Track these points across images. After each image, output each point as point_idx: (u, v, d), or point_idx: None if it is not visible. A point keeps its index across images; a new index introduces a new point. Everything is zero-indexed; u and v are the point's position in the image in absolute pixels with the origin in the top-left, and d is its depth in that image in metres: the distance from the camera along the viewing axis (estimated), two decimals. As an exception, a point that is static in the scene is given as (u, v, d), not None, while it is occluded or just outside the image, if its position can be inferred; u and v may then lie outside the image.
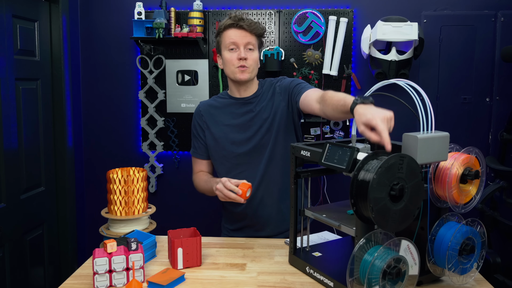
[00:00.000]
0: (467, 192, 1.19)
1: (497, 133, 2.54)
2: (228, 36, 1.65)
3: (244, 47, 1.64)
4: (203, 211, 2.82)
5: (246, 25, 1.62)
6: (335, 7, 2.65)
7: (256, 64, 1.69)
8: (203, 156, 1.80)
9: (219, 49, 1.71)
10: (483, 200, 2.34)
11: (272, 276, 1.31)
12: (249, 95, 1.73)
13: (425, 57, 2.58)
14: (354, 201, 1.04)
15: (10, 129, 2.13)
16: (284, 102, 1.69)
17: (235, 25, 1.63)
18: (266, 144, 1.68)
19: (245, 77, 1.65)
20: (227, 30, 1.65)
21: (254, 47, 1.66)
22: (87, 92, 2.83)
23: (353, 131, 1.21)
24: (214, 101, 1.79)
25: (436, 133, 1.11)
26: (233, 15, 1.65)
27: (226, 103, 1.75)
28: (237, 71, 1.65)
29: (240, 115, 1.72)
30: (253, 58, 1.66)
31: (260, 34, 1.68)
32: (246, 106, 1.72)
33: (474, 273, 1.21)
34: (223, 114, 1.74)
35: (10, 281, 2.12)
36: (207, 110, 1.77)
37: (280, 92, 1.70)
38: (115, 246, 1.26)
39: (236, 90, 1.73)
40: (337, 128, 2.68)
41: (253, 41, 1.65)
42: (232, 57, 1.64)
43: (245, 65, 1.64)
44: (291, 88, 1.68)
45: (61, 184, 2.58)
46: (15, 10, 2.17)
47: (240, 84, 1.70)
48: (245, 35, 1.63)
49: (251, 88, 1.73)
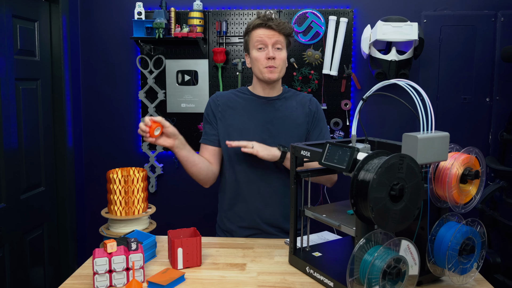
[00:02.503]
0: (467, 192, 1.19)
1: (497, 133, 2.54)
2: (256, 35, 1.66)
3: (272, 46, 1.65)
4: (203, 211, 2.82)
5: (274, 25, 1.64)
6: (335, 7, 2.65)
7: (284, 64, 1.70)
8: (213, 143, 1.75)
9: (247, 48, 1.73)
10: (483, 200, 2.34)
11: (272, 276, 1.31)
12: (273, 96, 1.75)
13: (425, 57, 2.58)
14: (354, 201, 1.04)
15: (10, 129, 2.13)
16: (306, 123, 1.74)
17: (264, 24, 1.65)
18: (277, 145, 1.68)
19: (274, 76, 1.67)
20: (256, 30, 1.67)
21: (282, 47, 1.67)
22: (87, 92, 2.83)
23: (353, 131, 1.21)
24: (233, 95, 1.78)
25: (436, 133, 1.11)
26: (262, 14, 1.67)
27: (247, 99, 1.76)
28: (265, 71, 1.67)
29: (260, 113, 1.72)
30: (281, 58, 1.67)
31: (289, 33, 1.69)
32: (268, 105, 1.73)
33: (474, 273, 1.21)
34: (241, 109, 1.74)
35: (10, 281, 2.12)
36: (225, 102, 1.76)
37: (308, 114, 1.75)
38: (115, 246, 1.26)
39: (261, 89, 1.74)
40: (337, 128, 2.68)
41: (281, 41, 1.67)
42: (261, 56, 1.66)
43: (273, 65, 1.66)
44: (314, 127, 1.75)
45: (61, 184, 2.58)
46: (15, 10, 2.17)
47: (268, 83, 1.72)
48: (274, 34, 1.65)
49: (276, 89, 1.75)
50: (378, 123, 2.69)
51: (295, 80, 2.66)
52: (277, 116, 1.72)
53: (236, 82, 2.71)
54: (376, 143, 1.39)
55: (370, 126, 2.68)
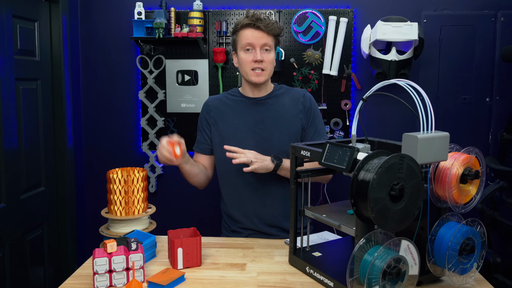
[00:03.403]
0: (467, 192, 1.19)
1: (497, 133, 2.54)
2: (244, 36, 1.63)
3: (260, 48, 1.62)
4: (203, 211, 2.82)
5: (263, 26, 1.60)
6: (335, 7, 2.65)
7: (272, 65, 1.68)
8: (204, 151, 1.80)
9: (235, 48, 1.70)
10: (483, 200, 2.34)
11: (272, 276, 1.31)
12: (262, 96, 1.73)
13: (425, 57, 2.58)
14: (354, 201, 1.04)
15: (10, 129, 2.13)
16: (300, 119, 1.71)
17: (252, 25, 1.61)
18: (272, 145, 1.68)
19: (261, 80, 1.66)
20: (244, 30, 1.63)
21: (270, 48, 1.65)
22: (87, 92, 2.83)
23: (353, 131, 1.21)
24: (224, 98, 1.78)
25: (436, 133, 1.11)
26: (250, 13, 1.63)
27: (237, 101, 1.75)
28: (252, 73, 1.65)
29: (250, 114, 1.71)
30: (269, 60, 1.65)
31: (278, 34, 1.67)
32: (259, 106, 1.72)
33: (474, 273, 1.21)
34: (233, 112, 1.73)
35: (10, 281, 2.12)
36: (216, 106, 1.76)
37: (302, 110, 1.72)
38: (115, 246, 1.26)
39: (249, 90, 1.73)
40: (337, 128, 2.68)
41: (270, 42, 1.64)
42: (248, 58, 1.64)
43: (261, 67, 1.64)
44: (309, 124, 1.72)
45: (61, 184, 2.58)
46: (15, 10, 2.17)
47: (255, 85, 1.70)
48: (262, 36, 1.62)
49: (265, 89, 1.73)
50: (378, 123, 2.69)
51: (295, 80, 2.66)
52: (269, 116, 1.70)
53: (236, 82, 2.71)
54: (376, 143, 1.39)
55: (370, 126, 2.68)
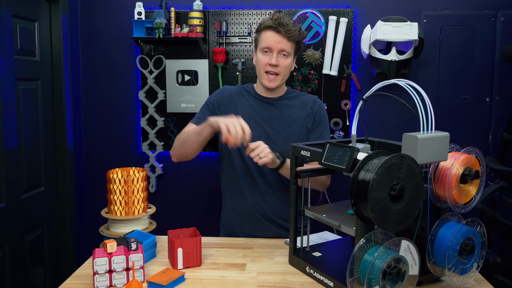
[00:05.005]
0: (467, 192, 1.19)
1: (497, 133, 2.54)
2: (264, 38, 1.64)
3: (278, 52, 1.63)
4: (203, 211, 2.82)
5: (284, 31, 1.60)
6: (335, 7, 2.65)
7: (287, 70, 1.68)
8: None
9: (256, 46, 1.71)
10: (483, 200, 2.34)
11: (272, 276, 1.31)
12: (274, 97, 1.74)
13: (425, 57, 2.58)
14: (354, 201, 1.04)
15: (10, 129, 2.13)
16: (306, 123, 1.72)
17: (274, 28, 1.61)
18: (277, 146, 1.68)
19: (273, 85, 1.67)
20: (265, 31, 1.64)
21: (288, 54, 1.65)
22: (87, 92, 2.83)
23: (353, 131, 1.21)
24: (239, 91, 1.79)
25: (436, 133, 1.11)
26: (275, 16, 1.63)
27: (250, 98, 1.76)
28: (265, 77, 1.66)
29: (260, 112, 1.72)
30: (285, 65, 1.65)
31: (299, 40, 1.66)
32: (269, 105, 1.73)
33: (474, 273, 1.21)
34: (243, 106, 1.74)
35: (10, 281, 2.12)
36: (231, 95, 1.77)
37: (310, 114, 1.72)
38: (115, 246, 1.26)
39: (262, 89, 1.74)
40: (337, 128, 2.68)
41: (288, 48, 1.64)
42: (264, 60, 1.64)
43: (275, 71, 1.64)
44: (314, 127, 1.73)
45: (61, 184, 2.58)
46: (15, 10, 2.17)
47: (267, 88, 1.71)
48: (281, 40, 1.62)
49: (277, 91, 1.74)
50: (378, 123, 2.69)
51: (295, 80, 2.66)
52: (277, 116, 1.72)
53: (236, 82, 2.71)
54: (376, 143, 1.39)
55: (370, 126, 2.68)
